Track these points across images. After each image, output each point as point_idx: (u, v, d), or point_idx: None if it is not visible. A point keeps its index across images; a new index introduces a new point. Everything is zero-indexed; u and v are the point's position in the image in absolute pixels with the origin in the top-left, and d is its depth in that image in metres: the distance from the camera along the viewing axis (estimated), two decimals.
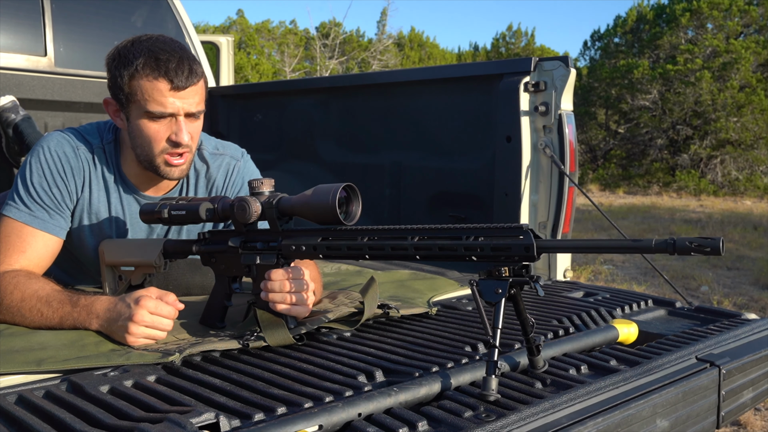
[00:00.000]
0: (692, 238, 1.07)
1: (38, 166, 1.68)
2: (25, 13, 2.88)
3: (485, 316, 1.21)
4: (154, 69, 1.57)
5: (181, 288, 1.82)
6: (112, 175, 1.75)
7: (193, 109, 1.63)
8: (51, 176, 1.68)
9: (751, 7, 15.18)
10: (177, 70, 1.57)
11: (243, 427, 1.06)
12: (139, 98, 1.59)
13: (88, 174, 1.72)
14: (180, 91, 1.59)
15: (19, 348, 1.37)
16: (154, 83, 1.57)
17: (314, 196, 1.37)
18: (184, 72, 1.58)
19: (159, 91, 1.58)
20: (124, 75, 1.59)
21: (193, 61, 1.62)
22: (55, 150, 1.69)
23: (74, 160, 1.70)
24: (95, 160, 1.73)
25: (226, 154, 1.88)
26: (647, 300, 1.97)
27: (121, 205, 1.78)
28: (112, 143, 1.76)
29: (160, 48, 1.59)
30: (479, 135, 2.43)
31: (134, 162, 1.73)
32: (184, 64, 1.59)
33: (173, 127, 1.62)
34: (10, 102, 2.76)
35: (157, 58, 1.57)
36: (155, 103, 1.58)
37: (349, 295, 1.78)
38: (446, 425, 1.10)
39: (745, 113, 14.06)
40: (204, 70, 1.65)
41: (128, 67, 1.58)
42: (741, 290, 5.17)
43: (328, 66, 17.41)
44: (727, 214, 10.10)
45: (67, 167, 1.70)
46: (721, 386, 1.45)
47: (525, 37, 22.56)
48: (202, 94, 1.66)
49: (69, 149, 1.70)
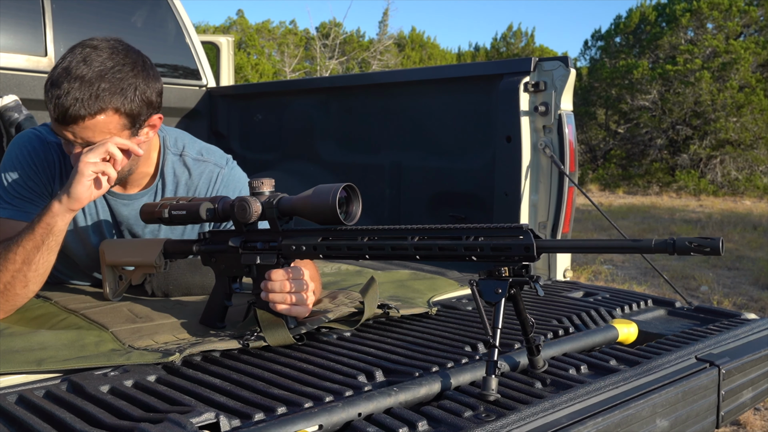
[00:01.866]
0: (692, 238, 1.07)
1: (10, 163, 1.70)
2: (25, 13, 2.88)
3: (485, 316, 1.21)
4: (48, 91, 1.48)
5: (181, 288, 1.82)
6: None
7: (88, 140, 1.51)
8: (22, 169, 1.69)
9: (751, 7, 15.18)
10: (63, 102, 1.45)
11: (243, 427, 1.06)
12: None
13: (59, 167, 1.71)
14: (63, 124, 1.49)
15: (19, 348, 1.37)
16: (48, 105, 1.49)
17: (314, 196, 1.37)
18: (66, 108, 1.45)
19: (50, 113, 1.50)
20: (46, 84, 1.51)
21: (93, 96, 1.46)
22: (24, 146, 1.70)
23: (43, 154, 1.70)
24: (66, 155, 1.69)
25: (210, 161, 1.83)
26: (647, 300, 1.97)
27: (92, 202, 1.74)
28: None
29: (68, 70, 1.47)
30: (479, 135, 2.43)
31: None
32: (71, 99, 1.45)
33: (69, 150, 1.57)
34: (13, 101, 2.77)
35: (54, 83, 1.47)
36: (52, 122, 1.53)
37: (349, 295, 1.78)
38: (446, 425, 1.11)
39: (745, 113, 14.06)
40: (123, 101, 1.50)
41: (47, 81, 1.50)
42: (741, 290, 5.17)
43: (328, 66, 17.41)
44: (727, 214, 10.10)
45: (37, 160, 1.69)
46: (720, 386, 1.45)
47: (525, 37, 22.57)
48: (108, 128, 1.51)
49: (38, 144, 1.71)
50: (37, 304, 1.71)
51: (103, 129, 1.51)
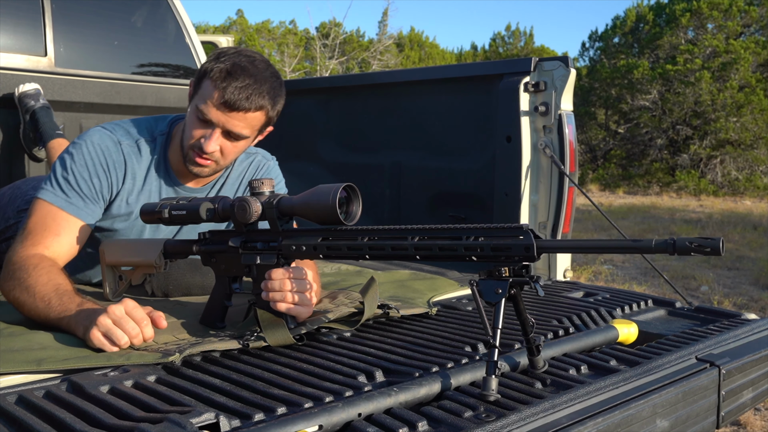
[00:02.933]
0: (692, 239, 1.07)
1: (80, 157, 1.73)
2: (25, 13, 2.88)
3: (485, 316, 1.21)
4: (221, 78, 1.62)
5: (181, 288, 1.82)
6: (157, 165, 1.82)
7: (234, 129, 1.67)
8: (93, 167, 1.73)
9: (751, 7, 15.18)
10: (238, 91, 1.62)
11: (243, 427, 1.06)
12: (200, 94, 1.67)
13: (132, 166, 1.78)
14: (225, 108, 1.63)
15: (18, 348, 1.37)
16: (212, 89, 1.63)
17: (314, 196, 1.37)
18: (242, 95, 1.62)
19: (211, 96, 1.64)
20: (204, 69, 1.68)
21: (260, 93, 1.64)
22: (97, 143, 1.75)
23: (116, 154, 1.76)
24: (140, 151, 1.80)
25: (258, 153, 2.00)
26: (647, 300, 1.97)
27: (160, 196, 1.82)
28: (164, 135, 1.83)
29: (242, 68, 1.64)
30: (479, 135, 2.43)
31: (179, 149, 1.79)
32: (248, 90, 1.62)
33: (206, 133, 1.68)
34: (33, 89, 2.78)
35: (230, 73, 1.63)
36: (204, 104, 1.65)
37: (349, 295, 1.78)
38: (446, 425, 1.10)
39: (745, 113, 14.06)
40: (271, 105, 1.69)
41: (210, 64, 1.66)
42: (741, 290, 5.17)
43: (328, 66, 17.41)
44: (727, 214, 10.10)
45: (109, 160, 1.75)
46: (721, 386, 1.45)
47: (523, 36, 22.56)
48: (253, 123, 1.68)
49: (110, 143, 1.76)
50: None
51: (251, 123, 1.69)
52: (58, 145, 2.66)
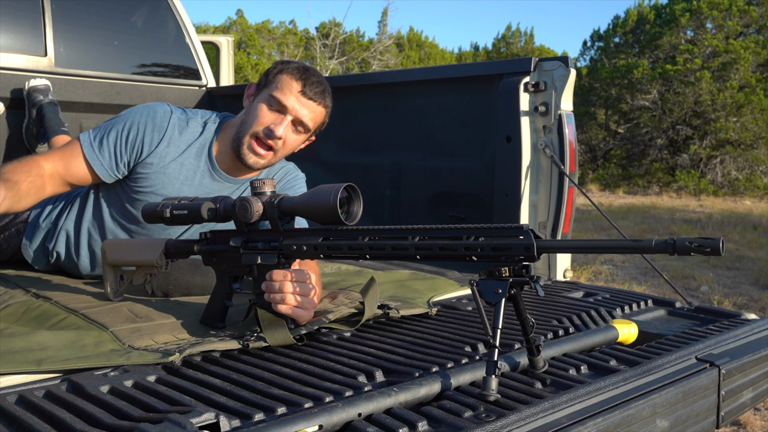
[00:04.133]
0: (692, 239, 1.07)
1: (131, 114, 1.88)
2: (25, 13, 2.88)
3: (485, 316, 1.21)
4: (299, 72, 1.83)
5: (182, 288, 1.82)
6: (199, 147, 1.92)
7: (303, 118, 1.84)
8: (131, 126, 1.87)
9: (751, 7, 15.18)
10: (313, 85, 1.83)
11: (243, 427, 1.06)
12: (273, 85, 1.84)
13: (171, 134, 1.89)
14: (303, 98, 1.82)
15: (18, 348, 1.37)
16: (291, 80, 1.82)
17: (315, 196, 1.37)
18: (317, 88, 1.83)
19: (290, 86, 1.82)
20: (277, 67, 1.86)
21: (329, 93, 1.88)
22: (150, 106, 1.90)
23: (159, 120, 1.88)
24: (187, 128, 1.92)
25: (290, 164, 2.13)
26: (647, 300, 1.97)
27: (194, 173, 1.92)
28: (215, 124, 1.95)
29: (313, 71, 1.87)
30: (479, 135, 2.43)
31: (227, 141, 1.91)
32: (321, 86, 1.85)
33: (278, 119, 1.83)
34: (43, 84, 2.80)
35: (306, 70, 1.85)
36: (281, 92, 1.81)
37: (349, 295, 1.78)
38: (446, 425, 1.11)
39: (745, 113, 14.06)
40: (330, 109, 1.91)
41: (284, 65, 1.87)
42: (741, 290, 5.17)
43: (328, 66, 17.40)
44: (727, 214, 10.10)
45: (149, 122, 1.87)
46: (720, 386, 1.45)
47: (524, 37, 22.56)
48: (318, 119, 1.88)
49: (160, 110, 1.90)
50: (37, 303, 1.71)
51: (316, 119, 1.88)
52: (61, 141, 2.67)
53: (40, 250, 2.04)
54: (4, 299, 1.76)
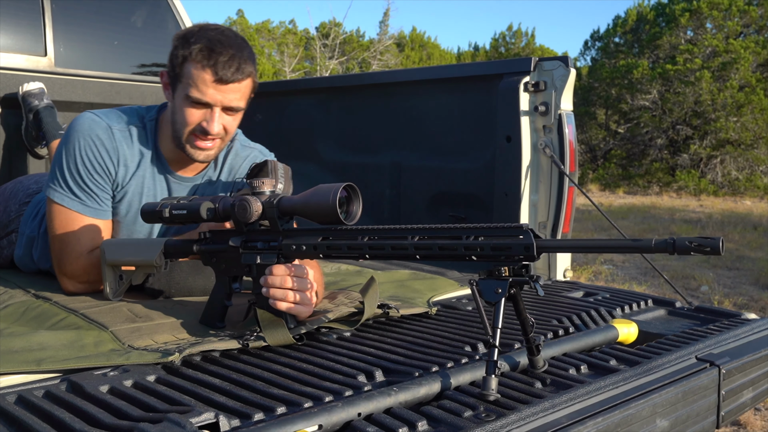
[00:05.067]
0: (692, 238, 1.07)
1: (78, 153, 1.76)
2: (25, 13, 2.88)
3: (485, 316, 1.21)
4: (205, 58, 1.64)
5: (184, 290, 1.81)
6: (149, 153, 1.84)
7: (231, 104, 1.70)
8: (92, 162, 1.76)
9: (751, 7, 15.18)
10: (226, 65, 1.64)
11: (243, 426, 1.06)
12: (185, 81, 1.68)
13: (123, 152, 1.80)
14: (222, 85, 1.66)
15: (18, 348, 1.37)
16: (200, 72, 1.65)
17: (315, 196, 1.37)
18: (231, 68, 1.65)
19: (203, 80, 1.66)
20: (179, 55, 1.69)
21: (245, 60, 1.68)
22: (89, 135, 1.76)
23: (108, 142, 1.77)
24: (132, 137, 1.81)
25: (255, 148, 2.00)
26: (647, 300, 1.97)
27: (153, 183, 1.85)
28: (153, 121, 1.84)
29: (218, 40, 1.66)
30: (479, 135, 2.43)
31: (170, 138, 1.80)
32: (235, 61, 1.65)
33: (207, 115, 1.70)
34: (37, 88, 2.79)
35: (212, 50, 1.64)
36: (197, 90, 1.67)
37: (349, 295, 1.78)
38: (446, 425, 1.10)
39: (745, 113, 14.06)
40: (254, 70, 1.73)
41: (185, 49, 1.67)
42: (741, 290, 5.17)
43: (328, 66, 17.40)
44: (727, 214, 10.10)
45: (102, 151, 1.77)
46: (721, 386, 1.45)
47: (525, 37, 22.56)
48: (245, 92, 1.73)
49: (102, 132, 1.77)
50: (37, 303, 1.71)
51: (244, 93, 1.72)
52: None
53: (27, 256, 2.04)
54: (4, 299, 1.76)
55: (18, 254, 2.06)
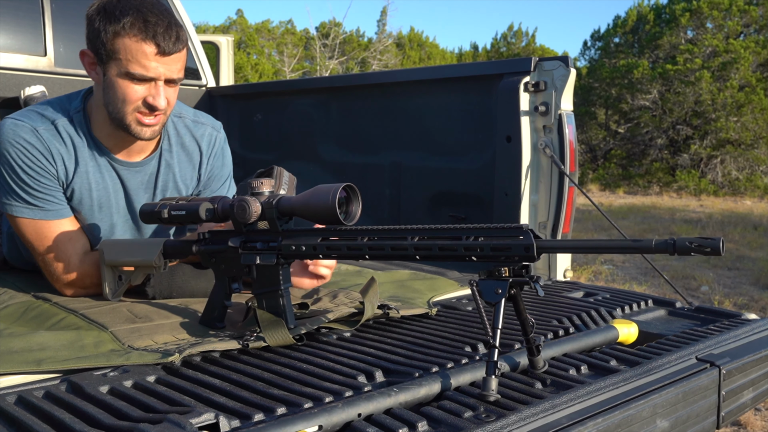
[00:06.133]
0: (692, 238, 1.07)
1: (14, 162, 1.67)
2: (25, 13, 2.88)
3: (485, 317, 1.21)
4: (141, 31, 1.56)
5: (185, 293, 1.81)
6: (84, 143, 1.75)
7: (174, 75, 1.64)
8: (30, 167, 1.68)
9: (751, 7, 15.18)
10: (165, 35, 1.57)
11: (243, 427, 1.06)
12: (121, 57, 1.58)
13: (56, 150, 1.71)
14: (165, 57, 1.59)
15: (18, 348, 1.37)
16: (140, 45, 1.57)
17: (314, 197, 1.37)
18: (171, 38, 1.58)
19: (144, 54, 1.57)
20: (109, 31, 1.57)
21: (179, 27, 1.62)
22: (16, 141, 1.66)
23: (38, 143, 1.68)
24: (60, 133, 1.72)
25: (207, 124, 1.93)
26: (647, 300, 1.97)
27: (99, 172, 1.78)
28: (80, 112, 1.75)
29: (148, 9, 1.58)
30: (479, 135, 2.42)
31: (106, 123, 1.72)
32: (172, 30, 1.59)
33: (151, 90, 1.63)
34: (39, 92, 2.77)
35: (146, 20, 1.56)
36: (138, 65, 1.58)
37: (349, 295, 1.78)
38: (446, 425, 1.10)
39: (745, 113, 14.06)
40: (186, 38, 1.66)
41: (114, 24, 1.57)
42: (741, 290, 5.17)
43: (328, 66, 17.40)
44: (727, 214, 10.10)
45: (36, 152, 1.68)
46: (721, 386, 1.45)
47: (525, 37, 22.56)
48: (184, 61, 1.66)
49: (28, 135, 1.67)
50: (37, 303, 1.71)
51: (183, 62, 1.66)
52: None
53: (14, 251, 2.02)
54: (4, 299, 1.76)
55: (5, 251, 2.05)
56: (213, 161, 1.94)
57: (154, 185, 1.87)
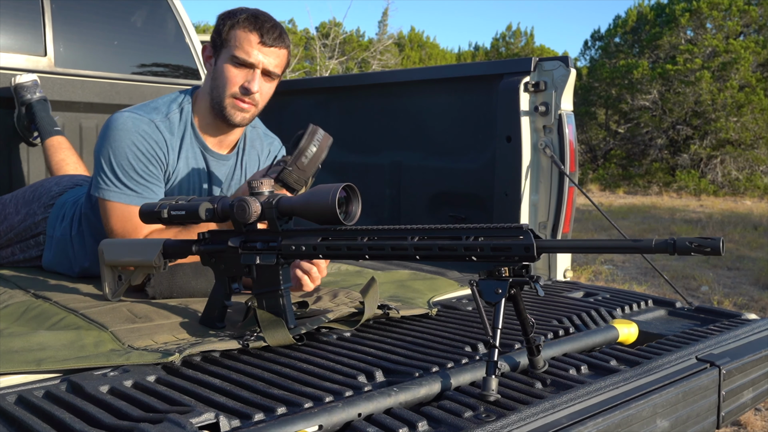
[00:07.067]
0: (692, 238, 1.07)
1: (129, 149, 1.83)
2: (25, 13, 2.87)
3: (485, 316, 1.21)
4: (251, 23, 1.81)
5: (185, 293, 1.81)
6: (189, 133, 1.94)
7: (271, 67, 1.85)
8: (146, 155, 1.85)
9: (751, 7, 15.18)
10: (270, 30, 1.82)
11: (243, 427, 1.06)
12: (231, 44, 1.83)
13: (170, 141, 1.89)
14: (265, 47, 1.82)
15: (18, 348, 1.37)
16: (247, 34, 1.81)
17: (314, 196, 1.37)
18: (274, 33, 1.83)
19: (248, 41, 1.81)
20: (227, 24, 1.84)
21: (285, 33, 1.86)
22: (136, 132, 1.84)
23: (155, 134, 1.86)
24: (172, 125, 1.91)
25: (276, 138, 2.17)
26: (647, 300, 1.97)
27: (195, 161, 1.95)
28: (190, 104, 1.95)
29: (262, 13, 1.85)
30: (479, 135, 2.43)
31: (207, 112, 1.92)
32: (277, 29, 1.84)
33: (249, 76, 1.84)
34: (30, 81, 2.78)
35: (257, 17, 1.83)
36: (242, 50, 1.82)
37: (349, 295, 1.78)
38: (446, 425, 1.10)
39: (745, 113, 14.06)
40: (291, 45, 1.90)
41: (232, 19, 1.84)
42: (741, 290, 5.17)
43: (328, 66, 17.40)
44: (727, 214, 10.10)
45: (153, 143, 1.85)
46: (721, 386, 1.45)
47: (525, 36, 22.56)
48: (283, 62, 1.89)
49: (147, 126, 1.86)
50: (37, 303, 1.71)
51: (282, 62, 1.88)
52: (57, 143, 2.66)
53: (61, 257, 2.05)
54: (4, 299, 1.76)
55: (48, 257, 2.07)
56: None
57: (230, 179, 2.03)
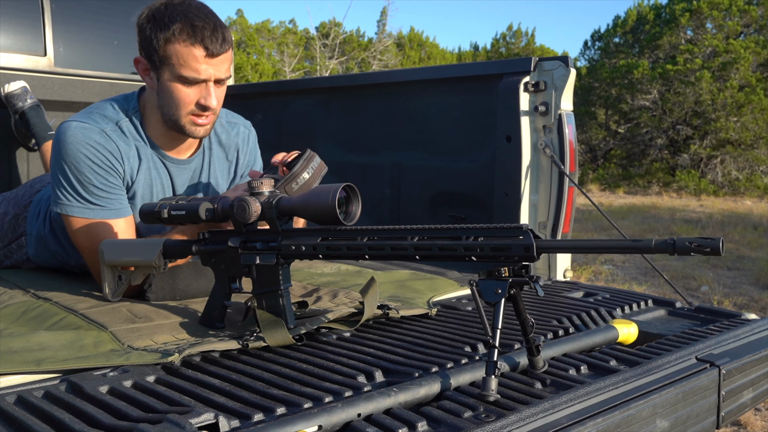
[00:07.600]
0: (692, 239, 1.07)
1: (82, 161, 1.72)
2: (25, 13, 2.88)
3: (485, 317, 1.20)
4: (190, 35, 1.63)
5: (187, 294, 1.80)
6: (143, 143, 1.83)
7: (222, 75, 1.71)
8: (100, 166, 1.73)
9: (751, 7, 15.18)
10: (212, 38, 1.64)
11: (242, 427, 1.06)
12: (173, 62, 1.66)
13: (123, 150, 1.78)
14: (213, 59, 1.67)
15: (17, 348, 1.37)
16: (189, 49, 1.64)
17: (314, 197, 1.37)
18: (218, 40, 1.65)
19: (194, 57, 1.65)
20: (160, 38, 1.65)
21: (224, 28, 1.69)
22: (86, 142, 1.72)
23: (107, 143, 1.75)
24: (124, 134, 1.79)
25: (240, 124, 2.02)
26: (647, 300, 1.97)
27: (157, 172, 1.86)
28: (138, 112, 1.82)
29: (194, 14, 1.65)
30: (479, 135, 2.42)
31: (159, 123, 1.80)
32: (219, 32, 1.66)
33: (203, 92, 1.71)
34: (19, 88, 2.77)
35: (193, 25, 1.63)
36: (189, 69, 1.66)
37: (349, 295, 1.78)
38: (446, 425, 1.10)
39: (745, 113, 14.06)
40: (231, 38, 1.73)
41: (164, 31, 1.64)
42: (741, 290, 5.17)
43: (328, 66, 17.40)
44: (727, 214, 10.10)
45: (106, 152, 1.74)
46: (721, 386, 1.45)
47: (525, 37, 22.56)
48: (230, 60, 1.74)
49: (97, 136, 1.74)
50: (37, 303, 1.71)
51: (230, 61, 1.74)
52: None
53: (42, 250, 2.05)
54: (4, 299, 1.76)
55: (32, 253, 2.07)
56: (248, 157, 2.03)
57: (197, 181, 1.95)
